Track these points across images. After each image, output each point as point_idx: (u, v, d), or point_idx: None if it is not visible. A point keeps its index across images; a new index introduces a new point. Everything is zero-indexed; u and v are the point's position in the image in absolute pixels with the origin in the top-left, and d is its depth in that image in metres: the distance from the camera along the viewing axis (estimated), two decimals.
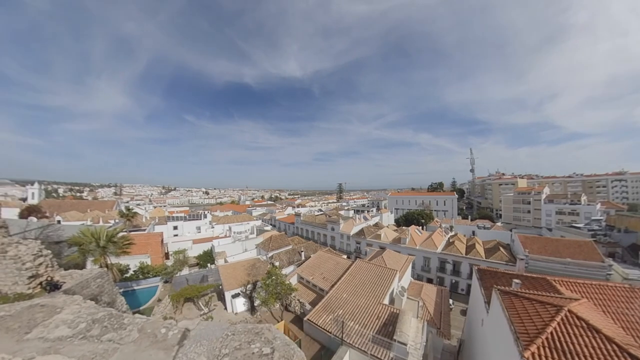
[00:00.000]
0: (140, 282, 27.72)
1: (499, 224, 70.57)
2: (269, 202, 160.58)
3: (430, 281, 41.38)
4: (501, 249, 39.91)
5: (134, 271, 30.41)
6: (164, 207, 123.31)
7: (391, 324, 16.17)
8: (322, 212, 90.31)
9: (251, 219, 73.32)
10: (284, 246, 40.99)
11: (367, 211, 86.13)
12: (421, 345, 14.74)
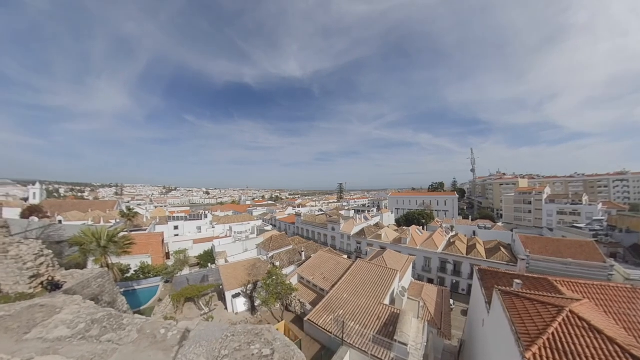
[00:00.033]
0: (141, 282, 27.79)
1: (500, 224, 70.40)
2: (270, 202, 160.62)
3: (431, 281, 41.31)
4: (502, 249, 39.82)
5: (134, 271, 30.46)
6: (165, 207, 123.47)
7: (392, 324, 16.14)
8: (322, 212, 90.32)
9: (252, 219, 73.36)
10: (285, 246, 41.01)
11: (368, 211, 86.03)
12: (422, 345, 14.71)
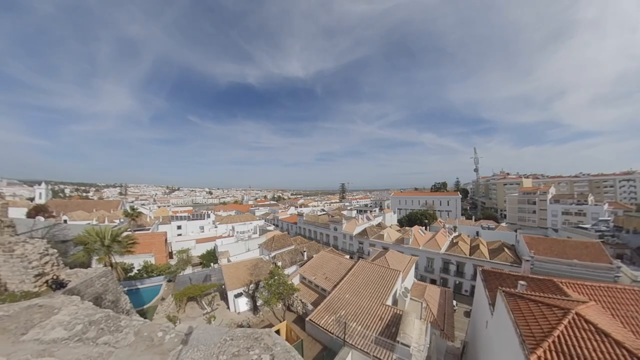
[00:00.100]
0: (144, 281, 28.00)
1: (504, 225, 69.81)
2: (272, 202, 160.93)
3: (433, 282, 41.06)
4: (506, 249, 39.43)
5: (138, 270, 30.67)
6: (168, 206, 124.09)
7: (394, 325, 16.04)
8: (324, 212, 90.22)
9: (254, 218, 73.53)
10: (287, 246, 41.02)
11: (370, 211, 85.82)
12: (424, 347, 14.60)
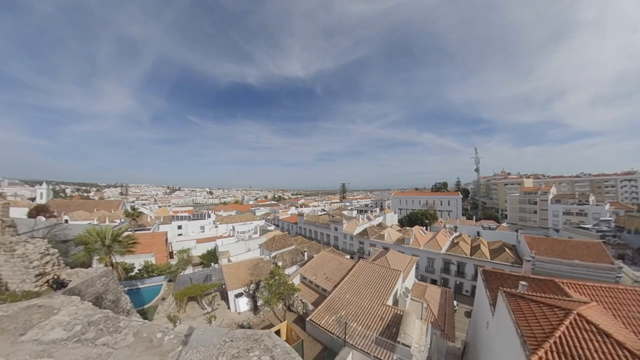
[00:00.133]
0: (144, 280, 27.98)
1: (505, 225, 69.64)
2: (272, 202, 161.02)
3: (434, 282, 41.00)
4: (507, 250, 39.34)
5: (138, 270, 30.68)
6: (169, 206, 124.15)
7: (395, 325, 16.01)
8: (325, 212, 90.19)
9: (254, 218, 73.57)
10: (287, 246, 41.02)
11: (371, 211, 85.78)
12: (425, 347, 14.56)
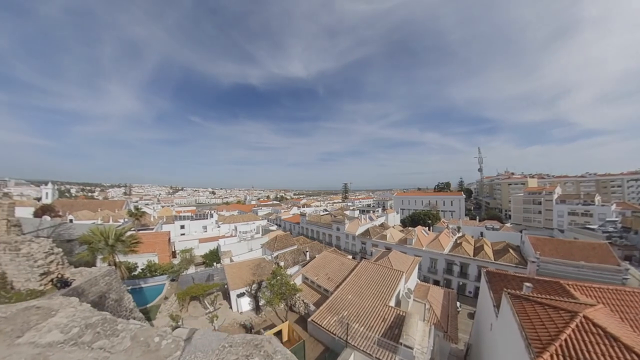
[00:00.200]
0: (147, 280, 28.17)
1: (508, 225, 68.99)
2: (275, 202, 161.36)
3: (437, 283, 40.71)
4: (511, 250, 38.94)
5: (141, 269, 30.90)
6: (172, 206, 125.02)
7: (397, 326, 15.90)
8: (327, 212, 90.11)
9: (257, 218, 73.77)
10: (289, 246, 41.00)
11: (373, 211, 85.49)
12: (428, 349, 14.44)
